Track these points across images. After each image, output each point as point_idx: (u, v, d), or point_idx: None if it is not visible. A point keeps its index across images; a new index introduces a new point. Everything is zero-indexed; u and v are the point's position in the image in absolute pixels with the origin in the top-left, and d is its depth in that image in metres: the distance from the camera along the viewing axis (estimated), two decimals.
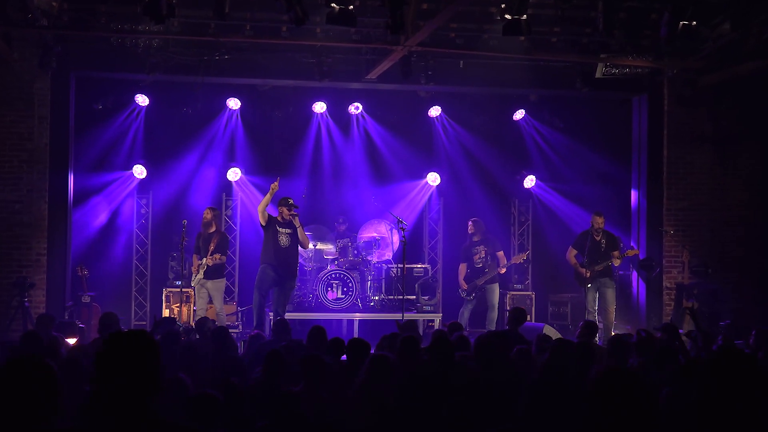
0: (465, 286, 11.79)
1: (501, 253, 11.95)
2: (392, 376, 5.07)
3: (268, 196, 10.59)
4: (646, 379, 3.23)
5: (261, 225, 10.78)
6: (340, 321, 12.15)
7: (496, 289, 11.88)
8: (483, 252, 11.85)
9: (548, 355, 5.63)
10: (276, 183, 10.49)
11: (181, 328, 9.98)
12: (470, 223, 12.01)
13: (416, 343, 6.21)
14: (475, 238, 11.89)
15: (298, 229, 10.68)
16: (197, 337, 8.85)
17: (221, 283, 11.15)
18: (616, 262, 11.31)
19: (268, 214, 10.77)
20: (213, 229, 11.08)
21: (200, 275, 10.91)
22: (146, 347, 2.82)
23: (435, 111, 13.23)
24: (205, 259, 10.87)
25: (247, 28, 10.50)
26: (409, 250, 11.52)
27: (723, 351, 5.24)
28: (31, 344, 6.57)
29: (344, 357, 6.75)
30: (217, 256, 10.87)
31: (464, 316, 11.78)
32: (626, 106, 12.85)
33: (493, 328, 11.42)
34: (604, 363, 6.45)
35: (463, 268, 11.93)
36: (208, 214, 11.14)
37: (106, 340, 2.84)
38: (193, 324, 10.36)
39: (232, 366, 6.37)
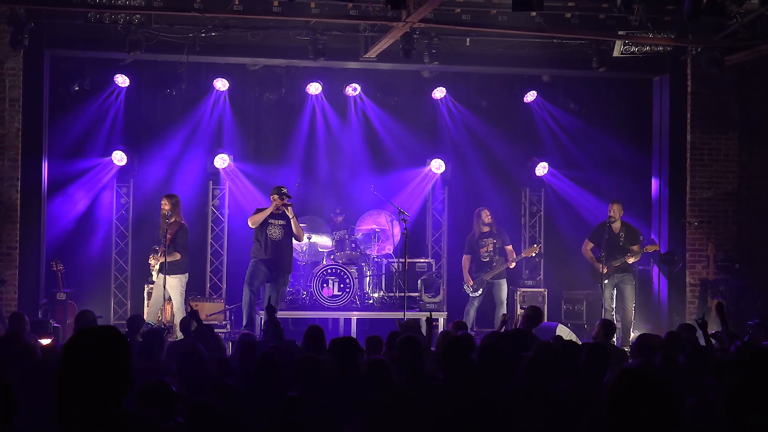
0: (471, 282, 11.77)
1: (510, 248, 11.90)
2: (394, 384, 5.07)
3: (266, 211, 10.58)
4: (670, 384, 3.21)
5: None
6: (336, 320, 12.15)
7: (503, 284, 11.85)
8: (491, 245, 11.82)
9: (530, 356, 5.61)
10: (281, 202, 10.49)
11: (152, 326, 9.97)
12: (486, 211, 11.90)
13: (417, 343, 6.20)
14: (485, 229, 11.86)
15: (291, 220, 10.64)
16: (179, 337, 8.84)
17: (175, 280, 10.77)
18: (630, 260, 11.23)
19: (258, 208, 10.80)
20: (172, 220, 10.79)
21: (156, 272, 10.79)
22: (116, 343, 2.85)
23: (439, 92, 13.20)
24: (159, 254, 10.70)
25: (236, 2, 10.48)
26: (411, 244, 11.51)
27: (743, 349, 5.20)
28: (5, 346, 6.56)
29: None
30: (169, 258, 10.63)
31: (470, 314, 11.76)
32: (646, 88, 12.85)
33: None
34: (623, 365, 6.47)
35: (467, 261, 11.91)
36: (165, 204, 10.81)
37: (73, 337, 2.88)
38: (170, 323, 10.39)
39: (219, 368, 6.37)
